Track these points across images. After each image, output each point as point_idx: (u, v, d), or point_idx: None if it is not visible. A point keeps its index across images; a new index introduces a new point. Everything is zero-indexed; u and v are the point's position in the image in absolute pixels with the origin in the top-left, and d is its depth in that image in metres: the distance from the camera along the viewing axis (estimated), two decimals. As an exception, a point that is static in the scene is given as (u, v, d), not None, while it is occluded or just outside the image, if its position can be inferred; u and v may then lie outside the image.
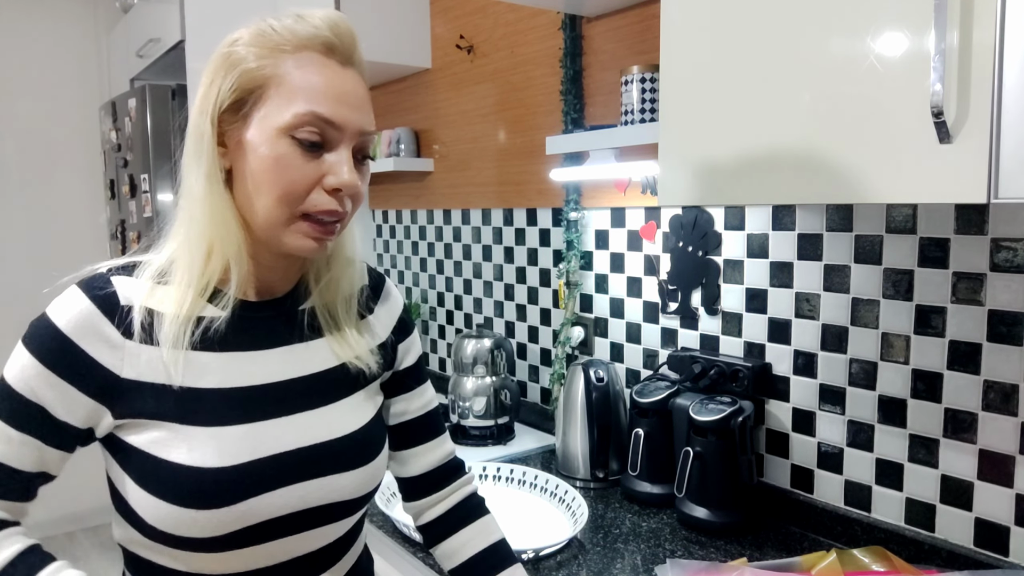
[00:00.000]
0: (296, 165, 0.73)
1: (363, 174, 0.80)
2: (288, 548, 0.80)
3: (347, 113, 0.74)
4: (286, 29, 0.74)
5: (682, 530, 1.33)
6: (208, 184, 0.75)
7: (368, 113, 0.78)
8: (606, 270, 1.73)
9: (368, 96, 0.79)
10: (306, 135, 0.73)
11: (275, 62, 0.74)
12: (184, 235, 0.77)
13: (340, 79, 0.75)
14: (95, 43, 3.62)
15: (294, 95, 0.73)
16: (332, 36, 0.75)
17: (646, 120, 1.41)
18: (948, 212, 1.12)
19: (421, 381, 0.98)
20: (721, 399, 1.34)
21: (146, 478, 0.74)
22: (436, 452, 0.97)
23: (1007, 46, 0.72)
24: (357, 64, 0.78)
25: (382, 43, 2.17)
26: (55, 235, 3.56)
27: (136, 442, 0.74)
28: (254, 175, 0.74)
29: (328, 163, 0.75)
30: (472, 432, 1.84)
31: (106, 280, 0.76)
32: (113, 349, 0.73)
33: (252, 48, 0.74)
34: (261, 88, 0.74)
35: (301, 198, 0.74)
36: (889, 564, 1.13)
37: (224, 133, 0.76)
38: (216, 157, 0.75)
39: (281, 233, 0.75)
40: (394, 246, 2.56)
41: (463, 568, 0.93)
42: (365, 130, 0.77)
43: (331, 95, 0.74)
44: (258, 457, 0.76)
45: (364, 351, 0.87)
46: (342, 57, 0.76)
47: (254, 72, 0.73)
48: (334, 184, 0.74)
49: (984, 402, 1.10)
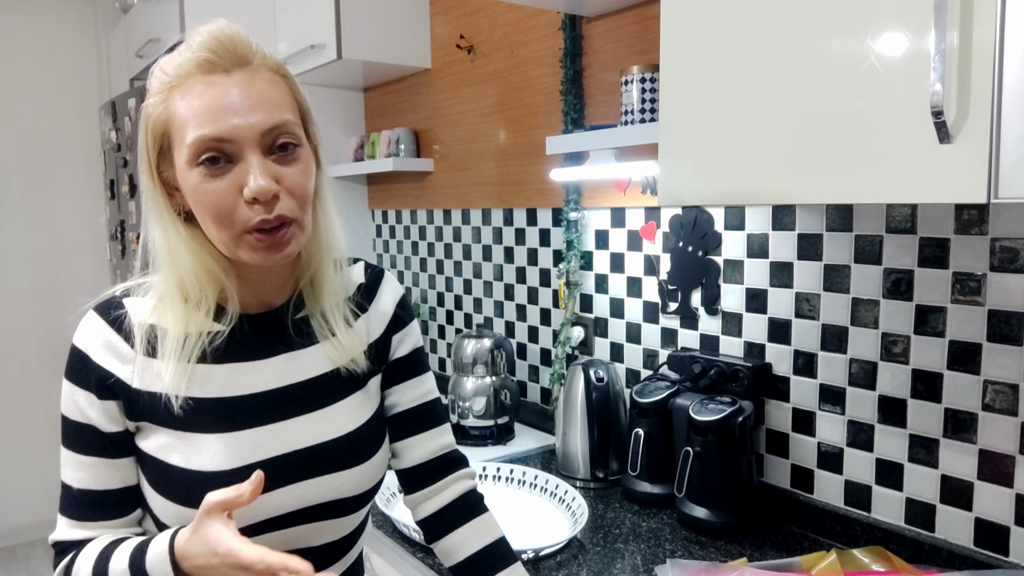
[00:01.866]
0: (210, 189, 0.75)
1: (295, 165, 0.78)
2: (291, 542, 0.84)
3: (235, 122, 0.74)
4: (171, 65, 0.77)
5: (682, 530, 1.33)
6: (164, 233, 0.80)
7: (269, 107, 0.76)
8: (606, 270, 1.73)
9: (271, 88, 0.77)
10: (203, 158, 0.74)
11: (167, 102, 0.76)
12: (164, 271, 0.82)
13: (222, 92, 0.75)
14: (95, 43, 3.62)
15: (184, 127, 0.75)
16: (208, 54, 0.75)
17: (646, 120, 1.41)
18: (948, 212, 1.12)
19: (416, 373, 0.98)
20: (721, 399, 1.34)
21: (156, 480, 0.81)
22: (431, 443, 0.98)
23: (1007, 46, 0.72)
24: (246, 63, 0.77)
25: (382, 43, 2.17)
26: (55, 235, 3.57)
27: (146, 447, 0.81)
28: (195, 209, 0.78)
29: (240, 174, 0.75)
30: (472, 432, 1.85)
31: (118, 303, 0.83)
32: (125, 363, 0.80)
33: (153, 96, 0.78)
34: (166, 132, 0.77)
35: (231, 217, 0.76)
36: (889, 564, 1.13)
37: (167, 181, 0.80)
38: (166, 209, 0.80)
39: (236, 252, 0.78)
40: (394, 246, 2.56)
41: (463, 565, 0.94)
42: (265, 127, 0.75)
43: (213, 113, 0.74)
44: (256, 460, 0.81)
45: (358, 353, 0.89)
46: (225, 66, 0.76)
47: (157, 119, 0.77)
48: (247, 195, 0.74)
49: (984, 402, 1.10)
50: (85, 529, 0.81)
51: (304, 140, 0.80)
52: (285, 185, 0.77)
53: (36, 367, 3.52)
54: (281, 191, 0.76)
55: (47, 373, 3.50)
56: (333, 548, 0.89)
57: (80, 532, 0.81)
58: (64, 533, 0.82)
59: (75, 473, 0.81)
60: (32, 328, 3.52)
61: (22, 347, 3.51)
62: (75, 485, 0.81)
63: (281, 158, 0.77)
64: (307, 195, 0.80)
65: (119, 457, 0.81)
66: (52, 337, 3.47)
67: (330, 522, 0.86)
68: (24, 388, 3.51)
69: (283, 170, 0.77)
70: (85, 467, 0.80)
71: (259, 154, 0.75)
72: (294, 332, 0.87)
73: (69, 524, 0.81)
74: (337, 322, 0.89)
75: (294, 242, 0.79)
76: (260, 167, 0.75)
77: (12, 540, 3.51)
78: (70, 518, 0.81)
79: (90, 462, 0.80)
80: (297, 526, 0.83)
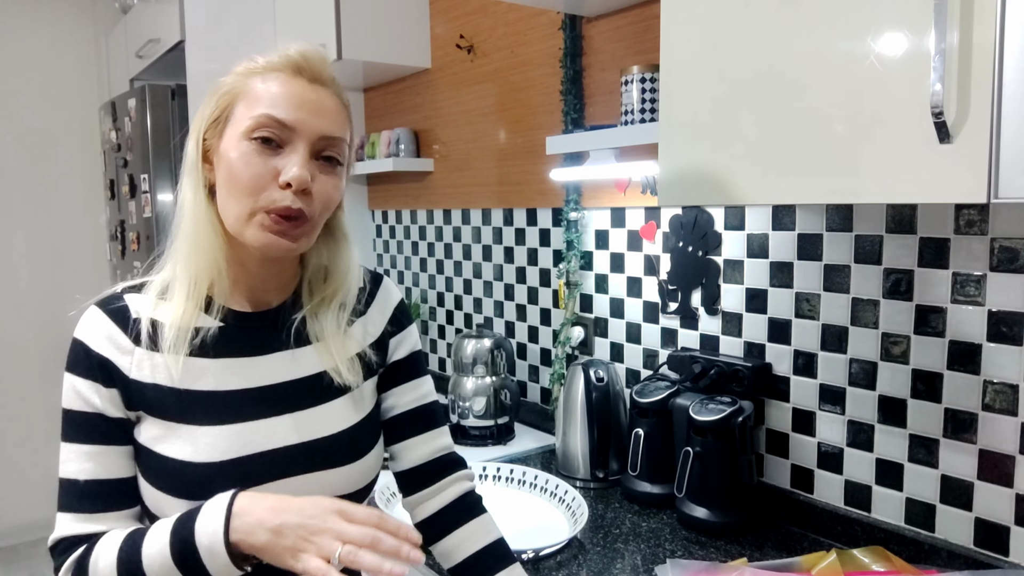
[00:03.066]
0: (253, 162, 0.79)
1: (330, 177, 0.83)
2: None
3: (303, 116, 0.80)
4: (263, 57, 0.84)
5: (682, 530, 1.33)
6: (194, 195, 0.84)
7: (332, 120, 0.83)
8: (606, 270, 1.73)
9: (338, 109, 0.84)
10: (261, 134, 0.79)
11: (246, 81, 0.83)
12: (181, 250, 0.85)
13: (302, 90, 0.81)
14: (95, 43, 3.62)
15: (256, 103, 0.81)
16: (300, 59, 0.82)
17: (646, 120, 1.41)
18: (948, 212, 1.12)
19: (414, 376, 0.99)
20: (721, 399, 1.34)
21: (148, 471, 0.82)
22: (428, 445, 0.98)
23: (1007, 46, 0.72)
24: (327, 83, 0.84)
25: (382, 43, 2.17)
26: (55, 235, 3.57)
27: (140, 438, 0.83)
28: (224, 178, 0.82)
29: (284, 161, 0.80)
30: (472, 432, 1.84)
31: (119, 297, 0.86)
32: (125, 354, 0.83)
33: (233, 76, 0.84)
34: (232, 104, 0.82)
35: (259, 192, 0.79)
36: (889, 564, 1.13)
37: (208, 150, 0.84)
38: (200, 172, 0.84)
39: (244, 229, 0.81)
40: (394, 246, 2.56)
41: (462, 567, 0.94)
42: (324, 134, 0.81)
43: (288, 100, 0.80)
44: (246, 454, 0.83)
45: (350, 357, 0.91)
46: (310, 76, 0.83)
47: (230, 89, 0.83)
48: (285, 179, 0.79)
49: (984, 402, 1.10)
50: (93, 523, 0.81)
51: (346, 163, 0.86)
52: (316, 188, 0.81)
53: (36, 366, 3.52)
54: (311, 188, 0.81)
55: (47, 372, 3.50)
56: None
57: (88, 526, 0.81)
58: (69, 529, 0.81)
59: (80, 465, 0.81)
60: (32, 327, 3.52)
61: (22, 346, 3.51)
62: (81, 477, 0.81)
63: (323, 166, 0.83)
64: (330, 207, 0.85)
65: (124, 444, 0.83)
66: (52, 336, 3.46)
67: None
68: (24, 387, 3.51)
69: (320, 176, 0.82)
70: (92, 457, 0.81)
71: (307, 152, 0.81)
72: (291, 332, 0.89)
73: (75, 519, 0.81)
74: (333, 328, 0.91)
75: (300, 241, 0.82)
76: (305, 161, 0.80)
77: (14, 539, 3.51)
78: (76, 512, 0.81)
79: (97, 451, 0.81)
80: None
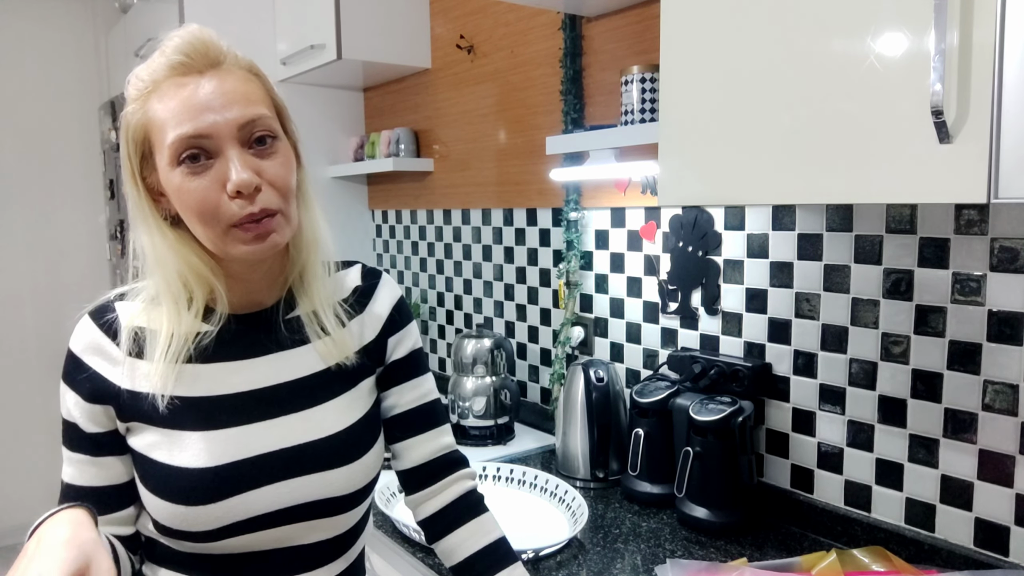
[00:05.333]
0: (193, 187, 0.76)
1: (275, 158, 0.80)
2: (282, 540, 0.84)
3: (211, 118, 0.76)
4: (145, 71, 0.79)
5: (682, 530, 1.33)
6: (151, 239, 0.82)
7: (242, 102, 0.78)
8: (606, 270, 1.73)
9: (244, 85, 0.79)
10: (185, 155, 0.76)
11: (145, 107, 0.79)
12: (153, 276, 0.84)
13: (196, 90, 0.77)
14: (95, 43, 3.62)
15: (163, 129, 0.77)
16: (181, 57, 0.78)
17: (646, 120, 1.41)
18: (948, 212, 1.12)
19: (414, 374, 0.98)
20: (721, 399, 1.34)
21: (146, 477, 0.82)
22: (430, 444, 0.98)
23: (1007, 46, 0.72)
24: (221, 62, 0.79)
25: (382, 43, 2.17)
26: (55, 235, 3.56)
27: (136, 445, 0.83)
28: (180, 208, 0.79)
29: (222, 168, 0.77)
30: (472, 432, 1.84)
31: (110, 307, 0.85)
32: (115, 365, 0.82)
33: (130, 104, 0.80)
34: (146, 136, 0.79)
35: (215, 214, 0.77)
36: (889, 564, 1.13)
37: (152, 187, 0.82)
38: (152, 214, 0.82)
39: (224, 248, 0.79)
40: (394, 246, 2.56)
41: (464, 565, 0.94)
42: (241, 121, 0.77)
43: (189, 110, 0.76)
44: (242, 458, 0.82)
45: (351, 352, 0.90)
46: (198, 68, 0.78)
47: (136, 125, 0.79)
48: (230, 189, 0.76)
49: (984, 402, 1.10)
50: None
51: (281, 134, 0.82)
52: (266, 178, 0.78)
53: (36, 366, 3.52)
54: (263, 184, 0.78)
55: (47, 372, 3.50)
56: (328, 547, 0.88)
57: None
58: None
59: (66, 468, 0.84)
60: (32, 327, 3.52)
61: (22, 346, 3.51)
62: (64, 479, 0.84)
63: (260, 152, 0.79)
64: (289, 187, 0.81)
65: (101, 456, 0.83)
66: (52, 336, 3.46)
67: (322, 520, 0.86)
68: (24, 387, 3.51)
69: (263, 163, 0.78)
70: (73, 463, 0.84)
71: (238, 148, 0.77)
72: (285, 332, 0.88)
73: None
74: (329, 320, 0.89)
75: (280, 232, 0.80)
76: (240, 161, 0.76)
77: (13, 539, 3.51)
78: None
79: (77, 458, 0.83)
80: (287, 524, 0.83)
